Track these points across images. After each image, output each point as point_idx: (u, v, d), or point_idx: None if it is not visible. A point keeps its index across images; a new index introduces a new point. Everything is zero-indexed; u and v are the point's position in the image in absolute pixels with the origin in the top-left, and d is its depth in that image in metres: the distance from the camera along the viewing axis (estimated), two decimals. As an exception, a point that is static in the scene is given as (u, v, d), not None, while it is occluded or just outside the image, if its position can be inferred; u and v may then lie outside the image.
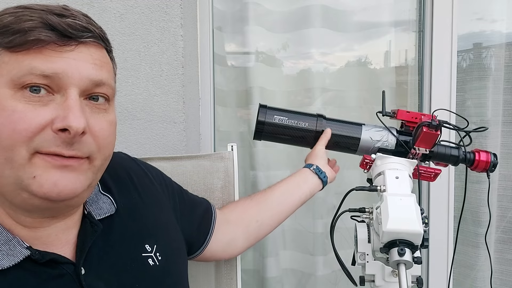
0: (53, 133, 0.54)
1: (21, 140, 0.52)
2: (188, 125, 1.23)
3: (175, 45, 1.18)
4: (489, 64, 1.46)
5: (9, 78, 0.53)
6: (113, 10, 1.15)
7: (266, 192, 1.01)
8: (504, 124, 1.49)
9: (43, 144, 0.53)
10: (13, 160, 0.53)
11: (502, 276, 1.52)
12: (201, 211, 0.91)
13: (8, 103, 0.53)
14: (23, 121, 0.52)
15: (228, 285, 1.06)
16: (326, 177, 1.03)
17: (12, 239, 0.57)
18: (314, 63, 1.54)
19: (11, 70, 0.53)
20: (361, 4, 1.52)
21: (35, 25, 0.53)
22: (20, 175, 0.53)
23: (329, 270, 1.59)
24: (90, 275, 0.62)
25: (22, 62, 0.53)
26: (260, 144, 1.53)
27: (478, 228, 1.48)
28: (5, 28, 0.54)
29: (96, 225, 0.66)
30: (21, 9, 0.56)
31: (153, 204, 0.78)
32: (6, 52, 0.54)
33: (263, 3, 1.50)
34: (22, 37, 0.53)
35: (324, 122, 1.02)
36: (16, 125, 0.52)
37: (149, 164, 0.87)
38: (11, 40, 0.53)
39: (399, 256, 0.72)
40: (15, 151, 0.53)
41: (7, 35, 0.53)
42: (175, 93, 1.19)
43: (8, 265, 0.55)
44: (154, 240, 0.73)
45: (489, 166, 0.99)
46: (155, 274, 0.71)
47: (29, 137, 0.53)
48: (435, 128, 0.91)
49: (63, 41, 0.55)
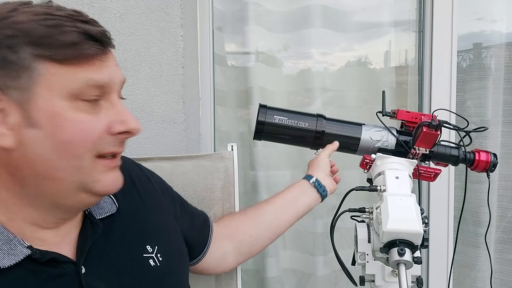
0: (111, 136, 0.59)
1: (90, 147, 0.57)
2: (188, 125, 1.23)
3: (175, 45, 1.18)
4: (489, 64, 1.46)
5: (65, 91, 0.55)
6: (113, 10, 1.15)
7: (261, 206, 0.99)
8: (504, 124, 1.49)
9: (104, 147, 0.59)
10: (81, 167, 0.58)
11: (502, 276, 1.52)
12: (200, 222, 0.92)
13: (71, 115, 0.55)
14: (90, 130, 0.57)
15: (228, 285, 1.06)
16: (325, 191, 1.00)
17: (12, 238, 0.57)
18: (314, 63, 1.54)
19: (66, 83, 0.55)
20: (361, 4, 1.52)
21: (79, 38, 0.55)
22: (85, 179, 0.58)
23: (329, 270, 1.59)
24: (91, 274, 0.62)
25: (76, 75, 0.55)
26: (260, 144, 1.53)
27: (478, 228, 1.48)
28: (43, 39, 0.53)
29: (96, 225, 0.67)
30: (43, 15, 0.55)
31: (154, 207, 0.79)
32: (53, 63, 0.54)
33: (263, 3, 1.50)
34: (73, 51, 0.54)
35: (324, 122, 1.02)
36: (84, 135, 0.57)
37: (152, 171, 0.88)
38: (61, 53, 0.54)
39: (399, 256, 0.72)
40: (83, 159, 0.57)
41: (52, 47, 0.54)
42: (175, 93, 1.20)
43: (8, 264, 0.56)
44: (155, 241, 0.74)
45: (489, 166, 0.99)
46: (155, 275, 0.71)
47: (95, 144, 0.58)
48: (435, 128, 0.91)
49: (103, 50, 0.58)
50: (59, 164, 0.56)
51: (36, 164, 0.56)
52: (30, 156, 0.55)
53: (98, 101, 0.58)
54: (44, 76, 0.54)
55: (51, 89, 0.54)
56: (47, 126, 0.55)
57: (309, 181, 1.00)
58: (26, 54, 0.53)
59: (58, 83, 0.54)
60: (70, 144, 0.56)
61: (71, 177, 0.57)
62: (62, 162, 0.56)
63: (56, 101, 0.55)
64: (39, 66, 0.54)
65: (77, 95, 0.55)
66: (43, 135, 0.55)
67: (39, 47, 0.53)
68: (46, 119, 0.54)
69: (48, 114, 0.54)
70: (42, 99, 0.54)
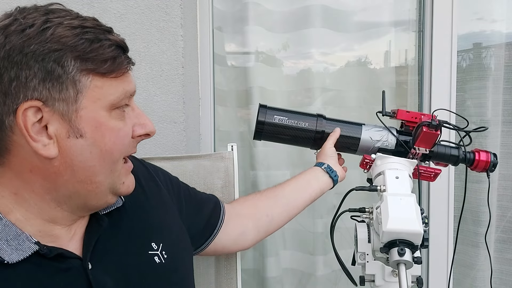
0: (133, 139, 0.65)
1: (123, 152, 0.64)
2: (188, 125, 1.23)
3: (175, 45, 1.18)
4: (489, 64, 1.46)
5: (108, 103, 0.60)
6: (113, 10, 1.15)
7: (276, 188, 1.02)
8: (504, 124, 1.49)
9: (129, 150, 0.65)
10: (116, 170, 0.64)
11: (502, 276, 1.53)
12: (208, 210, 0.93)
13: (112, 124, 0.61)
14: (124, 135, 0.63)
15: (228, 285, 1.06)
16: (337, 176, 1.03)
17: (21, 234, 0.59)
18: (314, 63, 1.54)
19: (109, 95, 0.60)
20: (361, 4, 1.52)
21: (116, 52, 0.60)
22: (115, 181, 0.64)
23: (329, 270, 1.59)
24: (97, 269, 0.64)
25: (117, 87, 0.60)
26: (260, 144, 1.53)
27: (478, 227, 1.48)
28: (88, 54, 0.57)
29: (101, 220, 0.68)
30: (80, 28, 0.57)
31: (158, 206, 0.80)
32: (97, 77, 0.58)
33: (263, 3, 1.50)
34: (113, 65, 0.59)
35: (324, 122, 1.02)
36: (122, 140, 0.62)
37: (156, 166, 0.89)
38: (105, 68, 0.58)
39: (399, 256, 0.72)
40: (118, 163, 0.64)
41: (96, 62, 0.57)
42: (175, 93, 1.20)
43: (17, 260, 0.57)
44: (160, 239, 0.75)
45: (489, 166, 0.99)
46: (161, 272, 0.72)
47: (126, 148, 0.64)
48: (435, 128, 0.91)
49: (128, 60, 0.63)
50: (100, 169, 0.61)
51: (78, 170, 0.60)
52: (73, 163, 0.59)
53: (124, 108, 0.63)
54: (90, 88, 0.58)
55: (95, 100, 0.58)
56: (92, 135, 0.59)
57: (321, 167, 1.02)
58: (73, 68, 0.56)
59: (101, 95, 0.59)
60: (112, 150, 0.61)
61: (107, 179, 0.63)
62: (103, 167, 0.61)
63: (99, 112, 0.59)
64: (84, 79, 0.57)
65: (115, 105, 0.60)
66: (88, 143, 0.59)
67: (85, 61, 0.57)
68: (91, 129, 0.59)
69: (93, 123, 0.59)
70: (86, 109, 0.58)
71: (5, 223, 0.58)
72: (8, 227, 0.58)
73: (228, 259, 1.06)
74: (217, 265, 1.06)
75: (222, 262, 1.06)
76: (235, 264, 1.06)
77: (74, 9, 0.61)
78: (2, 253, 0.57)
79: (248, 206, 1.00)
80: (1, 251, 0.57)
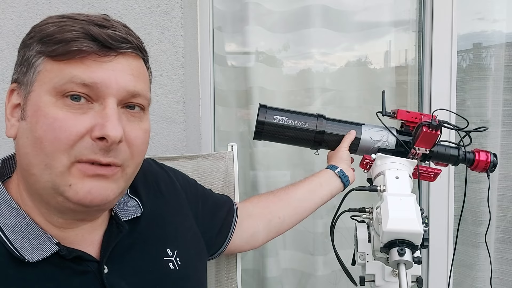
0: (92, 141, 0.56)
1: (63, 148, 0.55)
2: (188, 125, 1.23)
3: (175, 45, 1.18)
4: (489, 64, 1.46)
5: (51, 86, 0.55)
6: (113, 10, 1.15)
7: (289, 190, 1.02)
8: (504, 124, 1.49)
9: (83, 152, 0.56)
10: (53, 167, 0.55)
11: (502, 276, 1.53)
12: (223, 214, 0.92)
13: (50, 111, 0.55)
14: (65, 129, 0.55)
15: (228, 285, 1.06)
16: (348, 181, 1.03)
17: (42, 234, 0.59)
18: (314, 63, 1.54)
19: (53, 78, 0.56)
20: (361, 4, 1.52)
21: (77, 36, 0.55)
22: (57, 181, 0.56)
23: (329, 270, 1.59)
24: (113, 273, 0.64)
25: (63, 71, 0.55)
26: (260, 144, 1.53)
27: (478, 228, 1.48)
28: (48, 37, 0.56)
29: (122, 226, 0.68)
30: (64, 19, 0.58)
31: (176, 212, 0.80)
32: (49, 60, 0.56)
33: (263, 3, 1.50)
34: (64, 47, 0.55)
35: (324, 122, 1.02)
36: (58, 133, 0.54)
37: (175, 170, 0.89)
38: (54, 50, 0.55)
39: (399, 256, 0.72)
40: (56, 158, 0.55)
41: (51, 44, 0.56)
42: (175, 93, 1.20)
43: (37, 259, 0.58)
44: (175, 245, 0.75)
45: (489, 166, 0.99)
46: (174, 278, 0.72)
47: (70, 145, 0.55)
48: (435, 128, 0.91)
49: (103, 52, 0.57)
50: (33, 159, 0.56)
51: (20, 155, 0.59)
52: (19, 147, 0.59)
53: (90, 103, 0.56)
54: (41, 72, 0.57)
55: (41, 84, 0.56)
56: (30, 119, 0.56)
57: (334, 171, 1.02)
58: (34, 52, 0.57)
59: (48, 78, 0.56)
60: (41, 140, 0.55)
61: (43, 175, 0.56)
62: (36, 157, 0.56)
63: (43, 96, 0.56)
64: (39, 62, 0.57)
65: (61, 91, 0.55)
66: (27, 127, 0.57)
67: (43, 44, 0.56)
68: (31, 112, 0.56)
69: (34, 107, 0.56)
70: (34, 93, 0.57)
71: (28, 222, 0.59)
72: (31, 227, 0.59)
73: (228, 259, 1.06)
74: (217, 265, 1.06)
75: (222, 262, 1.06)
76: (235, 264, 1.06)
77: (74, 9, 0.62)
78: (24, 251, 0.57)
79: (261, 207, 1.00)
80: (23, 249, 0.57)
